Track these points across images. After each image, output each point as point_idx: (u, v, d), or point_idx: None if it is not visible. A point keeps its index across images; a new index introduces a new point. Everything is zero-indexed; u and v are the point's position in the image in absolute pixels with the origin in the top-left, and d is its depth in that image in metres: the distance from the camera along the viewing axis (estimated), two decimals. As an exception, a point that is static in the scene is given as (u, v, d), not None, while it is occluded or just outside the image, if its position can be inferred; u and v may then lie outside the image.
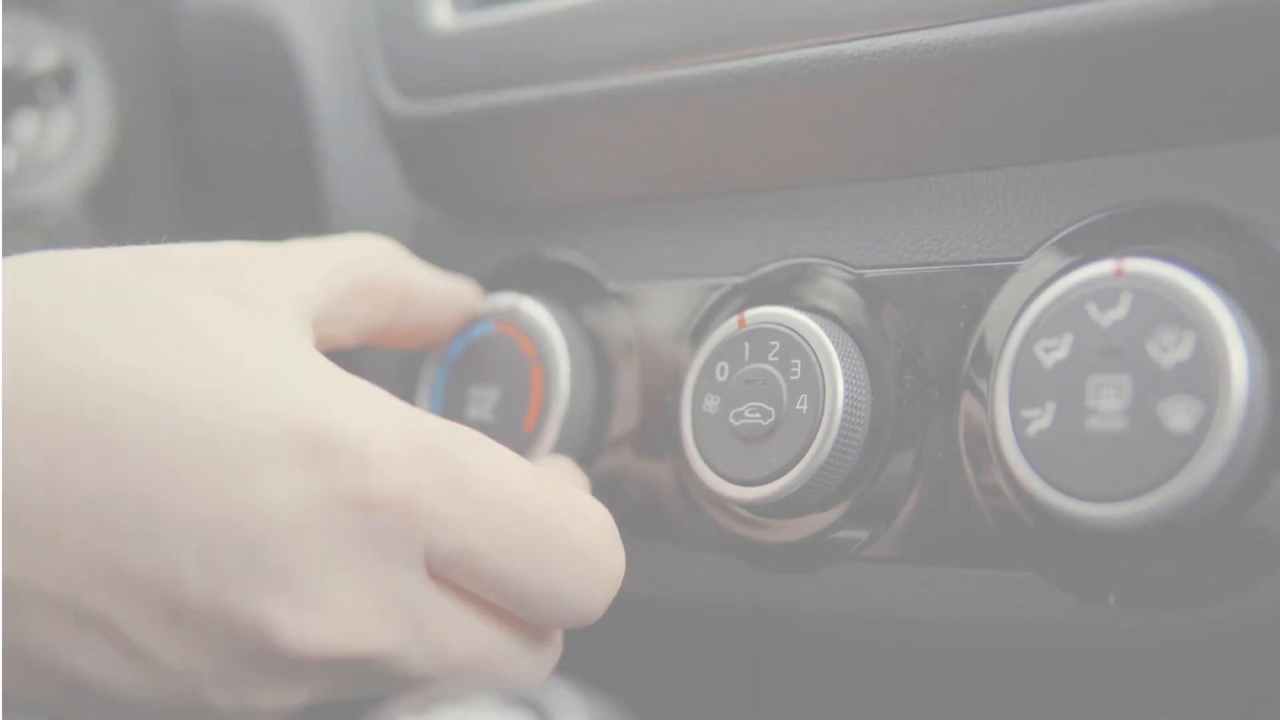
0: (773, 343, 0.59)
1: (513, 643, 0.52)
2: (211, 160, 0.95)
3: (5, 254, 0.51)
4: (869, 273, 0.60)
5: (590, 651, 0.58)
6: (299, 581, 0.46)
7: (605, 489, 0.65)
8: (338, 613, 0.47)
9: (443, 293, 0.66)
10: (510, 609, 0.52)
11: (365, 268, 0.60)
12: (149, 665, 0.47)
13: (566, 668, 0.59)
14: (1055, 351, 0.52)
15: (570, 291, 0.68)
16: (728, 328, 0.60)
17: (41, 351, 0.46)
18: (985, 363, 0.55)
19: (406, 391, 0.72)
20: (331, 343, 0.59)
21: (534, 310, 0.67)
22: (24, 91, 0.86)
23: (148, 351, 0.47)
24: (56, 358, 0.46)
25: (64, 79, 0.87)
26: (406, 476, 0.48)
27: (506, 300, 0.67)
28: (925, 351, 0.57)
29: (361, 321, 0.61)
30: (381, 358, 0.72)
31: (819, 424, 0.57)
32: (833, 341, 0.58)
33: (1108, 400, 0.50)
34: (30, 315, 0.47)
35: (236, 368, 0.48)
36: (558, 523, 0.51)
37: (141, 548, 0.46)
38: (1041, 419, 0.52)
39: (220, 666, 0.47)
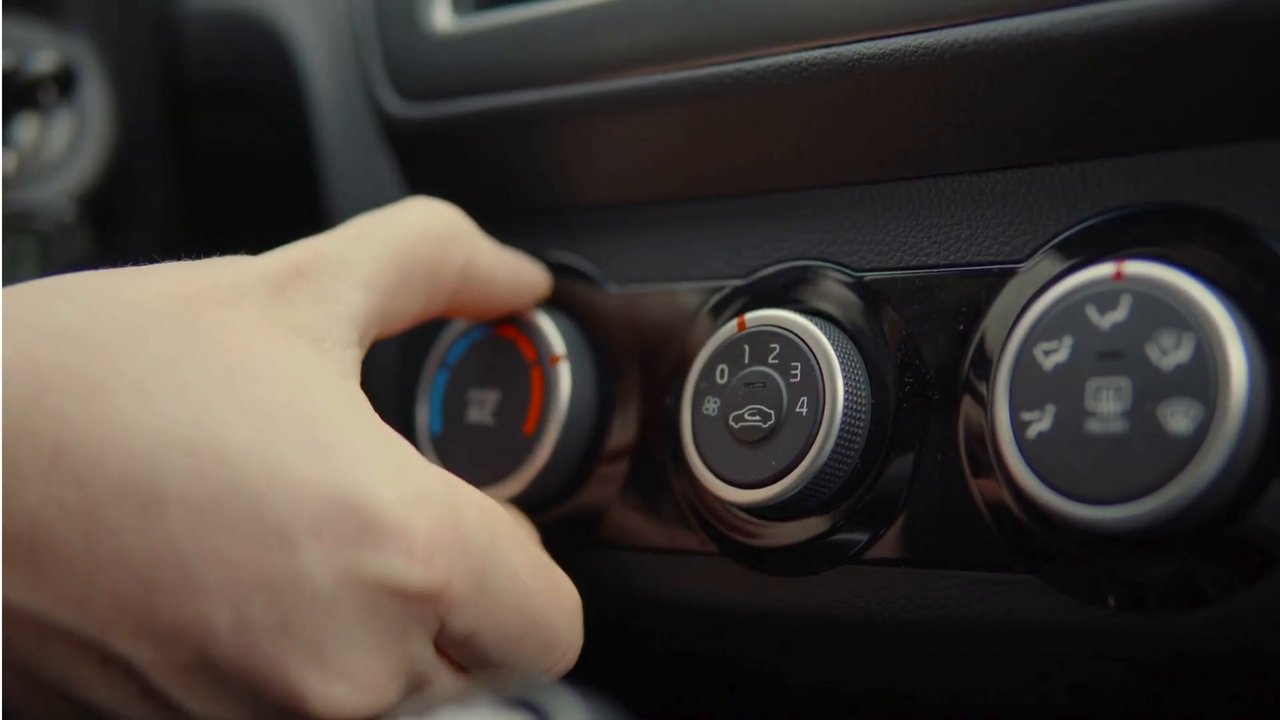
0: (773, 345, 0.59)
1: None
2: (211, 163, 0.95)
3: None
4: (869, 275, 0.60)
5: (589, 654, 0.58)
6: (331, 653, 0.48)
7: (604, 492, 0.65)
8: (364, 682, 0.49)
9: (505, 278, 0.64)
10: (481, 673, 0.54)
11: (419, 254, 0.59)
12: (164, 707, 0.48)
13: (568, 670, 0.59)
14: (1055, 354, 0.52)
15: (570, 294, 0.68)
16: (727, 330, 0.60)
17: (95, 394, 0.47)
18: (985, 365, 0.55)
19: (407, 393, 0.72)
20: (390, 331, 0.59)
21: (534, 313, 0.67)
22: (24, 94, 0.86)
23: (199, 404, 0.48)
24: (109, 403, 0.47)
25: (64, 82, 0.87)
26: (444, 573, 0.49)
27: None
28: (925, 354, 0.57)
29: (417, 309, 0.60)
30: (382, 358, 0.72)
31: (819, 427, 0.57)
32: (832, 344, 0.58)
33: (1107, 403, 0.50)
34: (87, 350, 0.48)
35: (285, 429, 0.48)
36: (547, 618, 0.54)
37: (175, 600, 0.46)
38: (1041, 421, 0.52)
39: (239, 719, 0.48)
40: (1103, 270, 0.52)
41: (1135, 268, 0.51)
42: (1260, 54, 0.51)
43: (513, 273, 0.65)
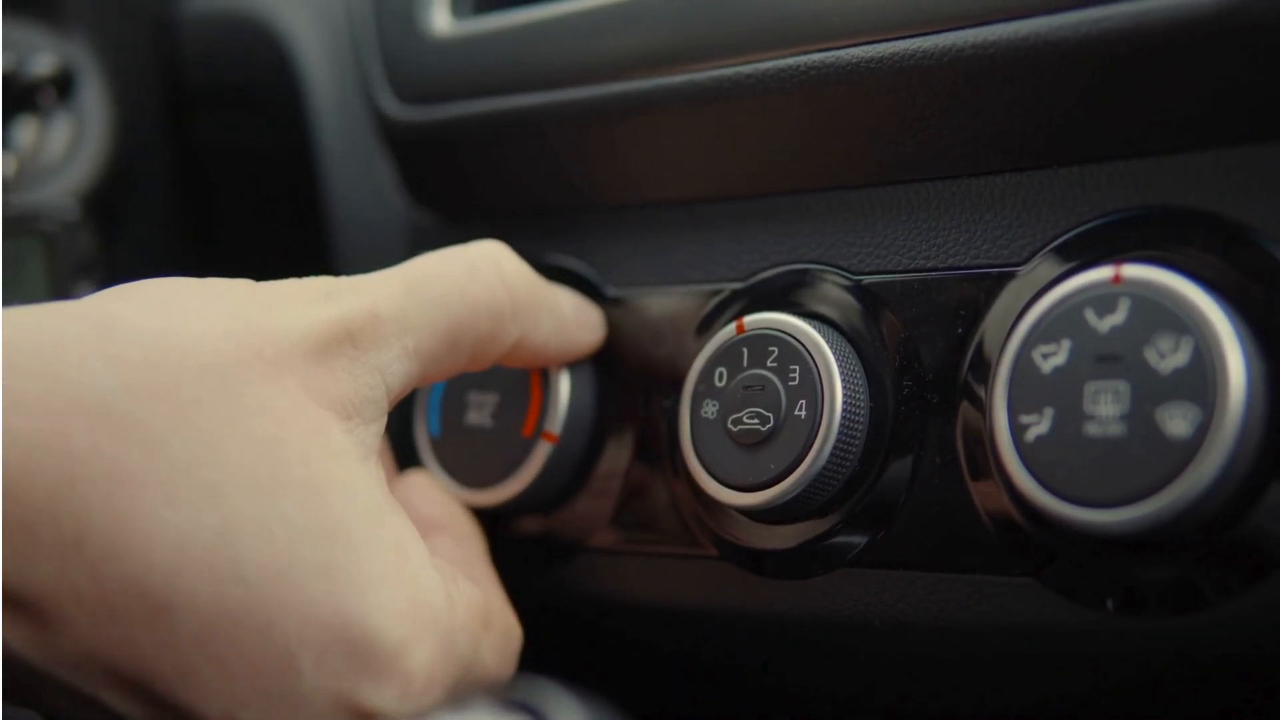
0: (771, 348, 0.59)
1: None
2: (210, 165, 0.95)
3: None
4: (867, 278, 0.60)
5: (588, 656, 0.58)
6: None
7: (603, 495, 0.65)
8: None
9: (555, 352, 0.63)
10: None
11: (475, 328, 0.58)
12: None
13: (564, 672, 0.59)
14: (1053, 357, 0.52)
15: (569, 297, 0.68)
16: (726, 333, 0.60)
17: (123, 487, 0.47)
18: (983, 368, 0.55)
19: (407, 396, 0.72)
20: (420, 386, 0.59)
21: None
22: (23, 97, 0.86)
23: (226, 514, 0.48)
24: (136, 501, 0.47)
25: (63, 85, 0.87)
26: (434, 701, 0.51)
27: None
28: (923, 357, 0.57)
29: (454, 371, 0.60)
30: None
31: (817, 430, 0.57)
32: (831, 347, 0.58)
33: (1106, 406, 0.50)
34: (122, 436, 0.47)
35: (306, 554, 0.49)
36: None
37: (172, 690, 0.47)
38: (1040, 425, 0.52)
39: None
40: (1101, 273, 0.52)
41: (1134, 271, 0.51)
42: (1258, 57, 0.51)
43: (564, 346, 0.64)
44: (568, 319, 0.63)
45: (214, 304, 0.53)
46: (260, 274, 0.66)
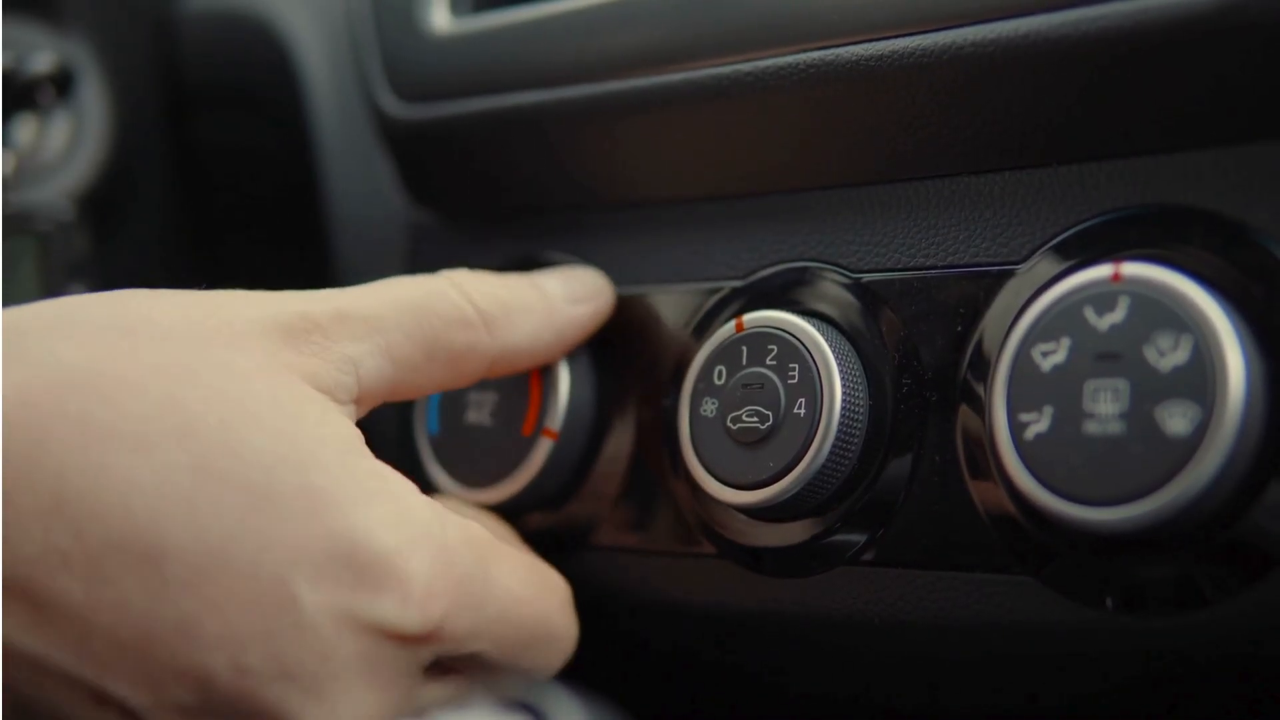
0: (770, 346, 0.59)
1: None
2: (210, 164, 0.95)
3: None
4: (866, 277, 0.60)
5: (587, 655, 0.58)
6: (330, 694, 0.49)
7: (602, 494, 0.65)
8: (363, 715, 0.50)
9: (542, 356, 0.62)
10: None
11: (450, 341, 0.58)
12: None
13: (564, 671, 0.59)
14: (1053, 355, 0.52)
15: (568, 295, 0.68)
16: (725, 331, 0.60)
17: (94, 444, 0.47)
18: (983, 367, 0.55)
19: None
20: (404, 399, 0.59)
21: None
22: (22, 95, 0.86)
23: (198, 455, 0.48)
24: (108, 455, 0.47)
25: (62, 83, 0.87)
26: (439, 613, 0.50)
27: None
28: (923, 355, 0.57)
29: (438, 385, 0.59)
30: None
31: (816, 428, 0.57)
32: (830, 345, 0.58)
33: (1105, 404, 0.50)
34: (88, 395, 0.48)
35: (283, 478, 0.49)
36: (544, 619, 0.56)
37: (173, 648, 0.47)
38: (1039, 423, 0.52)
39: None
40: (1101, 272, 0.52)
41: (1133, 269, 0.51)
42: (1257, 56, 0.51)
43: (558, 333, 0.63)
44: (556, 303, 0.62)
45: (174, 297, 0.53)
46: (259, 273, 0.66)
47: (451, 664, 0.54)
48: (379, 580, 0.49)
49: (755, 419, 0.58)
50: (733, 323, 0.60)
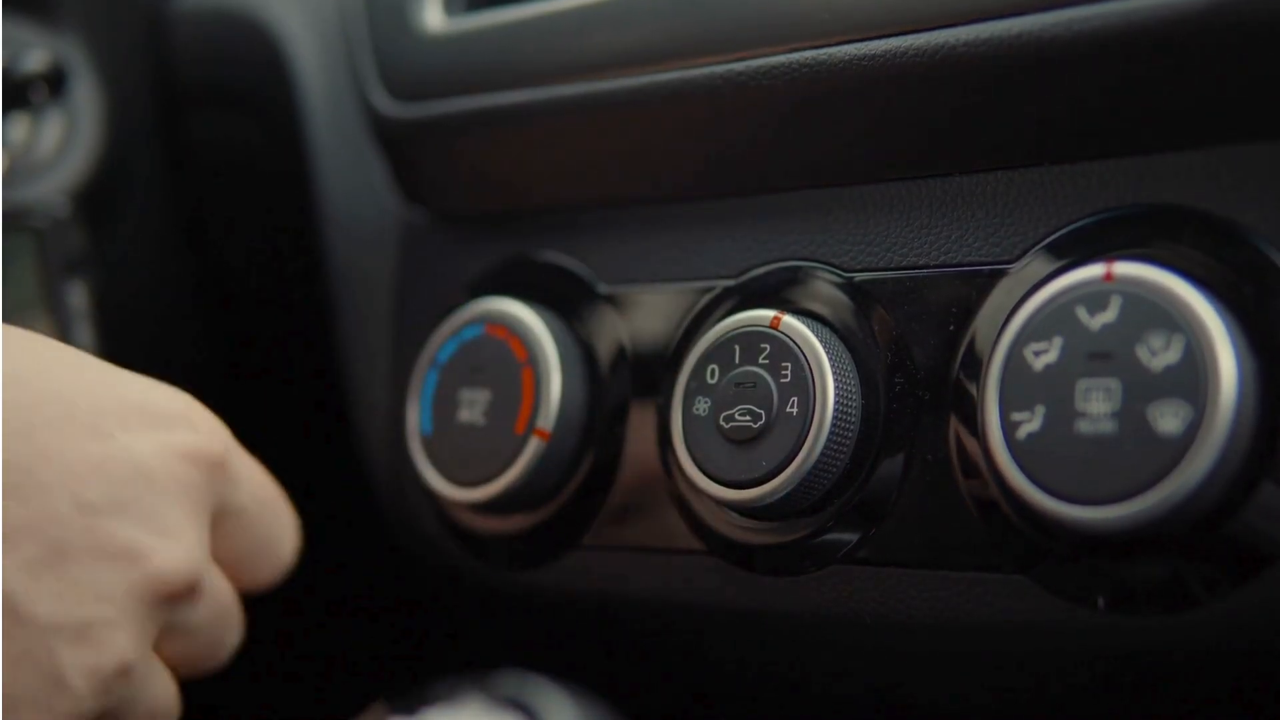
0: (763, 345, 0.59)
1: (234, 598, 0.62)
2: (202, 162, 0.95)
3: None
4: (859, 276, 0.60)
5: (579, 652, 0.58)
6: (161, 518, 0.54)
7: (594, 492, 0.65)
8: (189, 541, 0.55)
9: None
10: (240, 569, 0.61)
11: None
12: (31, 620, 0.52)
13: (558, 669, 0.59)
14: (1045, 355, 0.52)
15: (561, 294, 0.68)
16: (718, 330, 0.60)
17: None
18: (975, 366, 0.55)
19: (398, 394, 0.72)
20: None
21: (525, 313, 0.67)
22: (15, 94, 0.86)
23: (25, 355, 0.55)
24: None
25: (55, 81, 0.87)
26: (223, 445, 0.58)
27: (496, 303, 0.67)
28: (915, 355, 0.57)
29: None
30: (374, 357, 0.72)
31: (809, 427, 0.57)
32: (823, 344, 0.58)
33: (1097, 404, 0.51)
34: None
35: (91, 373, 0.57)
36: (282, 501, 0.63)
37: (19, 498, 0.51)
38: (1031, 422, 0.52)
39: (102, 609, 0.52)
40: (1093, 271, 0.52)
41: (1125, 269, 0.51)
42: (1249, 56, 0.51)
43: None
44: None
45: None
46: (254, 272, 0.66)
47: (216, 542, 0.59)
48: (172, 419, 0.57)
49: (748, 418, 0.58)
50: (725, 321, 0.60)
